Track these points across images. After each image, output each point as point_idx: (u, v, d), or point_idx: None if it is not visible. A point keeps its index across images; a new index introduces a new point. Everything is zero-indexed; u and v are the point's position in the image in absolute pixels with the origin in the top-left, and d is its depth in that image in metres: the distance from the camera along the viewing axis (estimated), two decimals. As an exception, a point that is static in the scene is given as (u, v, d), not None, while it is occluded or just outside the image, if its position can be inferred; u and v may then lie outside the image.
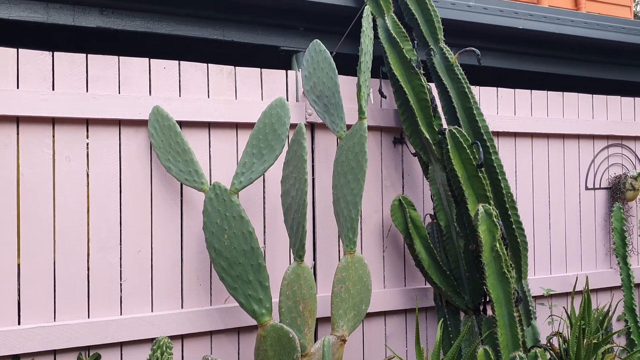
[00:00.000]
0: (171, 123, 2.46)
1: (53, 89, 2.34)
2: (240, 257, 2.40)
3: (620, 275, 3.45)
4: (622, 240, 3.45)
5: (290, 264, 2.75)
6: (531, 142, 3.51)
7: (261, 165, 2.48)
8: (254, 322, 2.60)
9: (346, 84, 2.91)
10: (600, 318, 3.04)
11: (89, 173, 2.41)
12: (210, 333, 2.62)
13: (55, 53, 2.35)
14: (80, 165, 2.39)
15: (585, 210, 3.71)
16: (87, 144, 2.41)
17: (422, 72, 2.88)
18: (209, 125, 2.65)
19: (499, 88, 3.40)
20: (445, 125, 2.96)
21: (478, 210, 2.65)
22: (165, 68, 2.55)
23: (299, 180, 2.45)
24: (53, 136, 2.35)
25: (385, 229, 3.07)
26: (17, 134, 2.29)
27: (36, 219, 2.31)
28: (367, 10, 2.80)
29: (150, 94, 2.52)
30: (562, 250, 3.59)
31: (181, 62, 2.59)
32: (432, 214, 3.02)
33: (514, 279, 2.67)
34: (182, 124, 2.57)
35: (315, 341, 2.64)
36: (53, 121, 2.34)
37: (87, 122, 2.41)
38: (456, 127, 2.76)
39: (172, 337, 2.50)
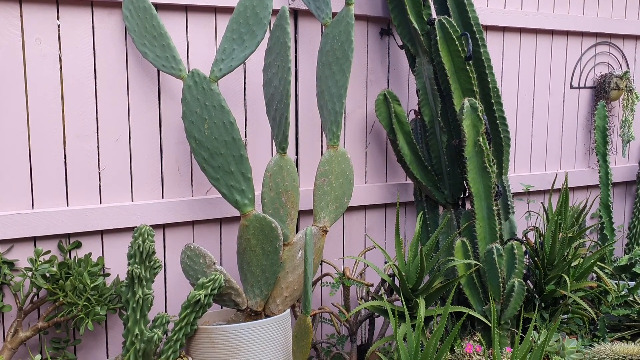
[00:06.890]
0: (146, 5, 2.32)
1: (17, -36, 2.17)
2: (221, 147, 2.35)
3: (599, 172, 3.51)
4: (604, 138, 3.47)
5: (272, 156, 2.73)
6: (520, 37, 3.43)
7: (242, 52, 2.37)
8: (236, 213, 2.60)
9: (332, -31, 2.75)
10: (576, 215, 3.10)
11: (62, 57, 2.29)
12: (192, 223, 2.62)
13: None
14: (52, 48, 2.26)
15: (569, 109, 3.69)
16: (59, 26, 2.27)
17: (412, -43, 2.73)
18: (186, 9, 2.50)
19: (490, -21, 3.26)
20: (434, 15, 2.85)
21: (463, 104, 2.61)
22: (138, -56, 2.37)
23: (282, 68, 2.36)
24: (21, 16, 2.20)
25: (369, 124, 3.03)
26: (-19, 12, 2.15)
27: (6, 102, 2.21)
28: None
29: (123, -27, 2.36)
30: (543, 149, 3.61)
31: (156, -62, 2.41)
32: (417, 109, 2.98)
33: (494, 174, 2.68)
34: (157, 6, 2.42)
35: (297, 232, 2.66)
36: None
37: (57, 2, 2.26)
38: (446, 17, 2.65)
39: (154, 227, 2.50)
